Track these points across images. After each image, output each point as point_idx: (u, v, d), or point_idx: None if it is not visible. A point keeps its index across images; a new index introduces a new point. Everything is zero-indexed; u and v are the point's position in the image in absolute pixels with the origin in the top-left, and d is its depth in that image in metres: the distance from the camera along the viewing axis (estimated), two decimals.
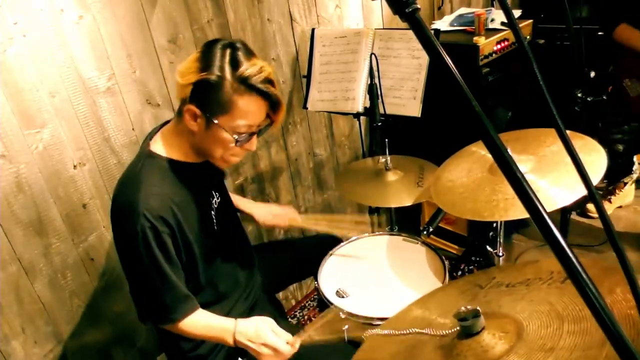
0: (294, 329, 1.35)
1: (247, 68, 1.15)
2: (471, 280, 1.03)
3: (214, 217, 1.40)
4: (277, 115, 1.25)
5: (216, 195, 1.44)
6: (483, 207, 1.32)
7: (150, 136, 1.33)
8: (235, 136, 1.20)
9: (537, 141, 1.50)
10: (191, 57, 1.19)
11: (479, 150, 1.61)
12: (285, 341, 1.28)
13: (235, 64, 1.15)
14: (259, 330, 1.28)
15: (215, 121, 1.18)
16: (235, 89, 1.15)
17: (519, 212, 1.23)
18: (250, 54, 1.20)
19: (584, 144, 1.42)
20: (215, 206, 1.42)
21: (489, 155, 0.48)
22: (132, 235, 1.18)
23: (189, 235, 1.28)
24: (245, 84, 1.15)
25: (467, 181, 1.48)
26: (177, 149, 1.29)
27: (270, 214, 1.73)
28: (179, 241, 1.25)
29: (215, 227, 1.40)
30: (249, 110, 1.18)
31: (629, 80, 2.33)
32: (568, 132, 0.55)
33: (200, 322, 1.31)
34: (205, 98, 1.17)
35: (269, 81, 1.18)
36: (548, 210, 0.45)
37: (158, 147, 1.29)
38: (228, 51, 1.16)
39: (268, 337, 1.26)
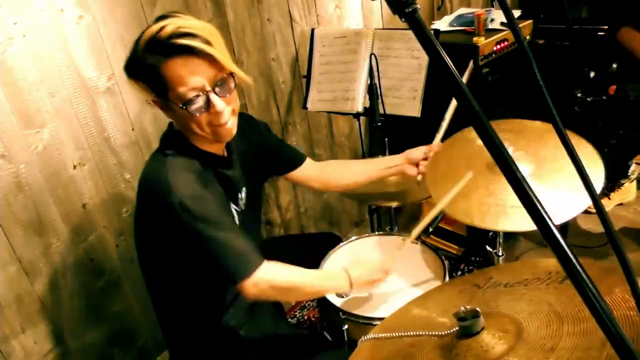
0: (294, 329, 1.35)
1: (149, 32, 1.07)
2: (468, 280, 1.03)
3: (234, 211, 1.36)
4: (221, 65, 1.12)
5: (243, 193, 1.40)
6: (475, 211, 1.30)
7: (170, 129, 1.30)
8: (183, 106, 1.11)
9: (536, 137, 1.48)
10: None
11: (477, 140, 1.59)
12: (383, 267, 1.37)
13: (142, 36, 1.09)
14: (369, 270, 1.36)
15: (168, 99, 1.13)
16: (152, 60, 1.08)
17: (510, 223, 1.20)
18: (164, 17, 1.10)
19: (581, 149, 1.40)
20: (240, 201, 1.39)
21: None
22: (170, 211, 1.12)
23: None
24: (156, 50, 1.07)
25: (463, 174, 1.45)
26: (197, 140, 1.25)
27: (407, 159, 1.64)
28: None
29: (237, 223, 1.36)
30: (179, 74, 1.09)
31: (632, 84, 2.31)
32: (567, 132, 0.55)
33: (310, 273, 1.33)
34: (145, 83, 1.14)
35: (181, 35, 1.06)
36: (556, 222, 0.45)
37: (177, 140, 1.25)
38: (145, 29, 1.10)
39: (374, 265, 1.36)
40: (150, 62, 1.09)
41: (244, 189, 1.41)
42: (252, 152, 1.46)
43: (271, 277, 1.22)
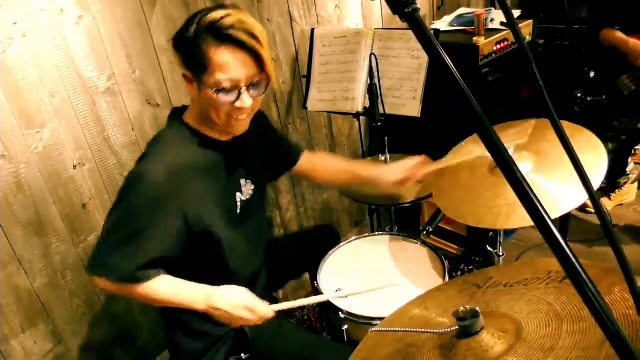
0: (294, 329, 1.35)
1: (213, 15, 1.11)
2: (469, 280, 1.03)
3: (238, 202, 1.36)
4: (265, 68, 1.18)
5: (247, 182, 1.40)
6: (484, 214, 1.31)
7: (181, 110, 1.32)
8: (216, 92, 1.15)
9: (536, 135, 1.48)
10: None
11: (478, 148, 1.60)
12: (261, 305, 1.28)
13: (206, 15, 1.13)
14: (235, 294, 1.28)
15: (201, 81, 1.16)
16: (203, 40, 1.12)
17: (521, 220, 1.22)
18: (232, 7, 1.15)
19: (585, 140, 1.40)
20: (245, 192, 1.38)
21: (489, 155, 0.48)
22: (130, 181, 1.19)
23: (202, 213, 1.25)
24: (211, 32, 1.11)
25: (467, 183, 1.47)
26: (204, 124, 1.28)
27: (399, 171, 1.54)
28: (186, 214, 1.22)
29: (238, 213, 1.36)
30: (224, 62, 1.13)
31: (626, 77, 2.34)
32: (567, 123, 0.55)
33: (169, 285, 1.27)
34: (187, 58, 1.17)
35: (241, 29, 1.12)
36: (552, 217, 0.45)
37: (190, 117, 1.29)
38: (209, 8, 1.15)
39: (246, 300, 1.27)
40: (202, 43, 1.12)
41: (248, 179, 1.41)
42: (260, 145, 1.47)
43: (142, 292, 1.25)
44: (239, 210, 1.37)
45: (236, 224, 1.36)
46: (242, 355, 1.40)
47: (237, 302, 1.26)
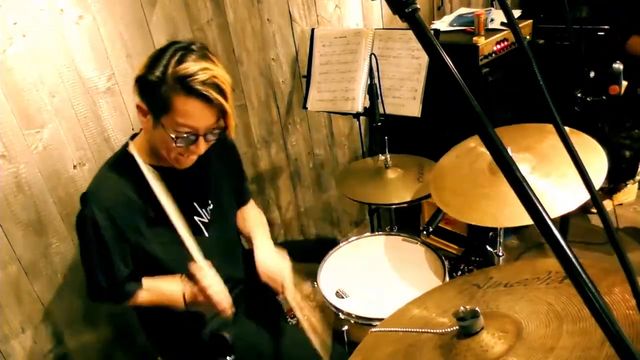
0: (294, 331, 1.35)
1: (187, 68, 1.13)
2: (469, 280, 1.03)
3: (199, 223, 1.38)
4: (227, 120, 1.21)
5: (209, 204, 1.42)
6: (500, 214, 1.30)
7: (134, 135, 1.35)
8: (173, 135, 1.17)
9: (537, 138, 1.49)
10: (150, 54, 1.19)
11: (478, 147, 1.60)
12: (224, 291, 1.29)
13: (179, 64, 1.13)
14: (203, 280, 1.28)
15: (159, 119, 1.17)
16: (172, 88, 1.13)
17: (523, 218, 1.22)
18: (203, 57, 1.17)
19: (583, 143, 1.41)
20: (203, 214, 1.40)
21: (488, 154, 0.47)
22: (78, 220, 1.26)
23: (151, 239, 1.29)
24: (182, 84, 1.13)
25: (467, 183, 1.47)
26: (150, 152, 1.29)
27: (265, 273, 1.42)
28: (128, 237, 1.27)
29: (206, 234, 1.38)
30: (188, 111, 1.15)
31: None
32: (567, 129, 0.55)
33: (148, 296, 1.33)
34: (149, 95, 1.17)
35: (212, 85, 1.14)
36: (551, 216, 0.45)
37: (137, 146, 1.29)
38: (180, 53, 1.15)
39: (214, 285, 1.27)
40: (170, 91, 1.13)
41: (209, 200, 1.42)
42: (223, 168, 1.48)
43: (132, 304, 1.34)
44: (206, 234, 1.38)
45: (204, 244, 1.33)
46: (228, 358, 1.38)
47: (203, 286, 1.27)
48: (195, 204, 1.39)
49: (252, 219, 1.59)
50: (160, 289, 1.34)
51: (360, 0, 2.42)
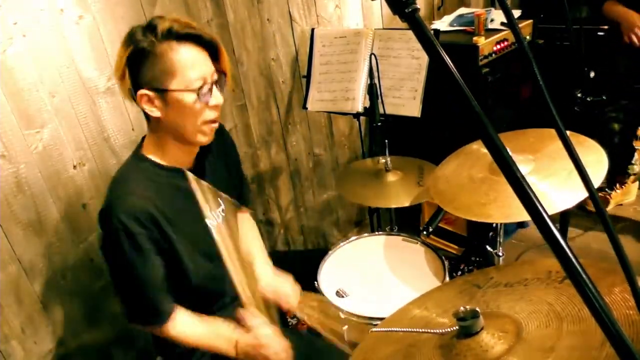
0: (293, 330, 1.35)
1: (164, 22, 1.12)
2: (469, 280, 1.03)
3: (211, 226, 1.34)
4: (221, 60, 1.21)
5: (220, 204, 1.39)
6: (484, 208, 1.32)
7: (143, 139, 1.32)
8: (193, 93, 1.15)
9: (537, 142, 1.50)
10: (117, 52, 1.17)
11: (480, 149, 1.61)
12: (284, 347, 1.29)
13: (152, 27, 1.13)
14: (261, 339, 1.28)
15: (167, 93, 1.15)
16: (166, 47, 1.12)
17: (522, 214, 1.23)
18: (163, 17, 1.17)
19: (585, 147, 1.41)
20: (219, 215, 1.37)
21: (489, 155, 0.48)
22: (106, 237, 1.19)
23: (176, 243, 1.24)
24: (171, 37, 1.12)
25: (468, 182, 1.47)
26: (164, 153, 1.27)
27: (273, 291, 1.50)
28: (163, 245, 1.22)
29: (215, 237, 1.34)
30: (189, 61, 1.14)
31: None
32: (568, 132, 0.55)
33: (196, 328, 1.30)
34: (146, 74, 1.14)
35: (191, 27, 1.15)
36: (550, 213, 0.45)
37: (148, 150, 1.27)
38: (144, 25, 1.15)
39: (273, 346, 1.28)
40: (160, 50, 1.12)
41: (220, 200, 1.40)
42: (224, 166, 1.47)
43: (174, 333, 1.28)
44: (215, 236, 1.34)
45: (213, 248, 1.34)
46: None
47: (261, 348, 1.27)
48: (207, 206, 1.35)
49: (249, 235, 1.58)
50: (210, 324, 1.31)
51: (360, 0, 2.42)
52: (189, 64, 1.14)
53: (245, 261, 1.49)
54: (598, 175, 1.28)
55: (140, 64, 1.14)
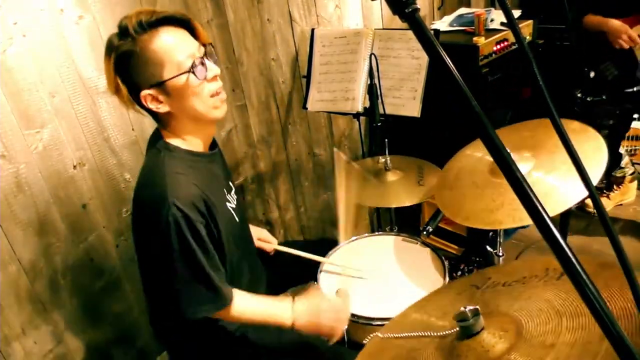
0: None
1: (130, 19, 1.11)
2: (467, 282, 1.03)
3: (232, 210, 1.36)
4: (198, 34, 1.20)
5: (231, 187, 1.43)
6: (492, 214, 1.31)
7: (159, 133, 1.29)
8: (189, 71, 1.14)
9: (534, 135, 1.49)
10: (104, 67, 1.16)
11: (474, 153, 1.60)
12: (342, 309, 1.33)
13: (123, 28, 1.12)
14: (316, 306, 1.31)
15: (165, 79, 1.14)
16: (144, 41, 1.11)
17: (522, 219, 1.22)
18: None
19: (582, 135, 1.39)
20: (233, 199, 1.40)
21: (486, 157, 0.48)
22: (163, 227, 1.12)
23: (220, 226, 1.25)
24: (144, 29, 1.11)
25: (472, 188, 1.46)
26: (187, 140, 1.26)
27: (255, 237, 1.66)
28: (213, 231, 1.22)
29: (237, 221, 1.37)
30: (171, 44, 1.13)
31: (608, 64, 2.37)
32: (565, 120, 0.55)
33: (254, 305, 1.30)
34: (138, 74, 1.14)
35: (159, 13, 1.14)
36: (557, 211, 0.45)
37: (173, 140, 1.26)
38: (116, 31, 1.14)
39: (327, 313, 1.31)
40: (140, 46, 1.11)
41: (230, 184, 1.43)
42: (223, 158, 1.50)
43: (235, 313, 1.28)
44: (237, 219, 1.37)
45: (236, 231, 1.37)
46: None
47: (316, 317, 1.30)
48: (225, 190, 1.37)
49: None
50: (263, 298, 1.33)
51: (360, 0, 2.42)
52: (172, 48, 1.14)
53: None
54: (598, 166, 1.27)
55: (128, 67, 1.14)
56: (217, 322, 1.36)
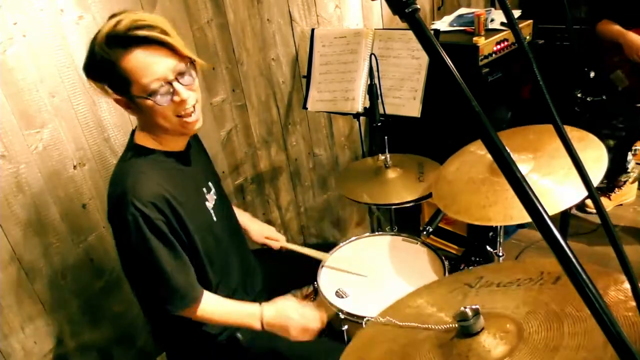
0: None
1: (105, 28, 1.08)
2: (459, 279, 1.01)
3: (210, 209, 1.38)
4: (178, 51, 1.15)
5: (211, 188, 1.42)
6: (483, 210, 1.31)
7: (133, 132, 1.32)
8: (151, 97, 1.12)
9: (538, 139, 1.49)
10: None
11: (477, 151, 1.61)
12: (313, 319, 1.34)
13: (100, 37, 1.10)
14: (285, 312, 1.32)
15: (134, 96, 1.14)
16: (114, 54, 1.09)
17: (522, 216, 1.23)
18: (115, 16, 1.12)
19: (584, 142, 1.41)
20: (212, 199, 1.40)
21: (489, 155, 0.48)
22: (124, 226, 1.16)
23: (189, 225, 1.25)
24: (115, 43, 1.08)
25: (468, 183, 1.47)
26: (160, 142, 1.27)
27: (262, 235, 1.74)
28: (178, 229, 1.23)
29: (215, 219, 1.38)
30: (141, 65, 1.10)
31: (618, 72, 2.35)
32: (566, 127, 0.55)
33: (222, 307, 1.32)
34: (111, 81, 1.15)
35: (138, 27, 1.08)
36: (551, 213, 0.45)
37: (142, 139, 1.27)
38: (95, 36, 1.12)
39: (296, 320, 1.32)
40: (110, 58, 1.10)
41: (210, 184, 1.43)
42: (207, 158, 1.53)
43: (201, 313, 1.29)
44: (215, 219, 1.38)
45: (215, 231, 1.37)
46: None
47: (286, 320, 1.32)
48: (202, 189, 1.38)
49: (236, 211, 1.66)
50: (233, 300, 1.34)
51: (360, 0, 2.42)
52: (140, 71, 1.11)
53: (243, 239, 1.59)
54: (598, 170, 1.28)
55: (102, 73, 1.14)
56: (208, 325, 1.37)
